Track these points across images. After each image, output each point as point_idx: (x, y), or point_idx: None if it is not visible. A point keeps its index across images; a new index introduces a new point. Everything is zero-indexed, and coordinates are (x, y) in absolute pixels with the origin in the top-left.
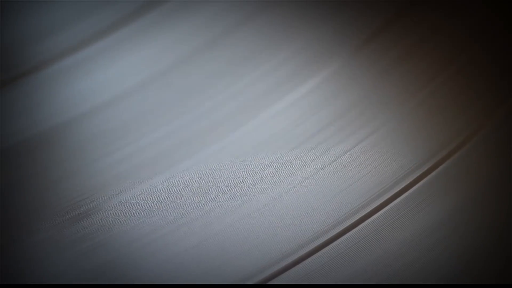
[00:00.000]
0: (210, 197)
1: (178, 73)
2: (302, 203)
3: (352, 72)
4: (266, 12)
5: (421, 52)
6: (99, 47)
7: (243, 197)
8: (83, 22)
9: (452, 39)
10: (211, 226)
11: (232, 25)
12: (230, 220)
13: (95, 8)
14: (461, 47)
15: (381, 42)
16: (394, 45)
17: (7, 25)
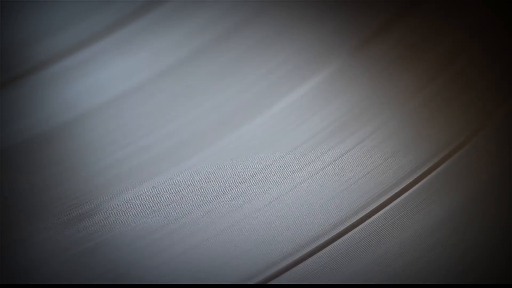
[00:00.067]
0: (210, 198)
1: (178, 73)
2: (302, 203)
3: (352, 72)
4: (266, 13)
5: (421, 52)
6: (99, 47)
7: (243, 197)
8: (83, 22)
9: (452, 39)
10: (212, 226)
11: (231, 26)
12: (231, 220)
13: (95, 9)
14: (461, 47)
15: (381, 42)
16: (394, 45)
17: (7, 25)
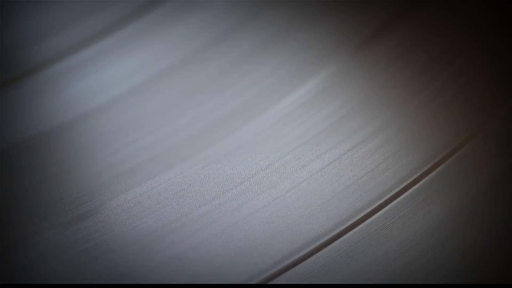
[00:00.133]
0: (210, 198)
1: (178, 74)
2: (302, 203)
3: (351, 73)
4: (265, 14)
5: (421, 53)
6: (99, 47)
7: (243, 197)
8: (83, 23)
9: (452, 39)
10: (212, 227)
11: (231, 27)
12: (231, 220)
13: (95, 9)
14: (461, 47)
15: (381, 42)
16: (394, 45)
17: (7, 25)
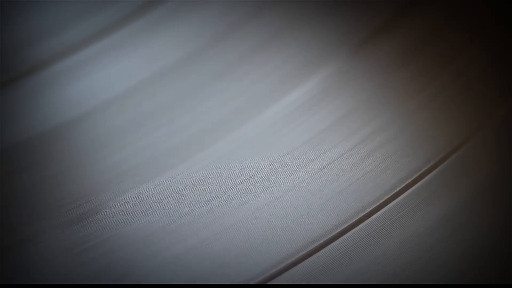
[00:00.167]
0: (210, 197)
1: (178, 73)
2: (302, 203)
3: (351, 73)
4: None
5: (420, 53)
6: (100, 47)
7: (243, 197)
8: (83, 22)
9: (452, 39)
10: (212, 227)
11: (230, 27)
12: (231, 220)
13: (95, 9)
14: (461, 47)
15: (380, 42)
16: (394, 45)
17: (7, 25)
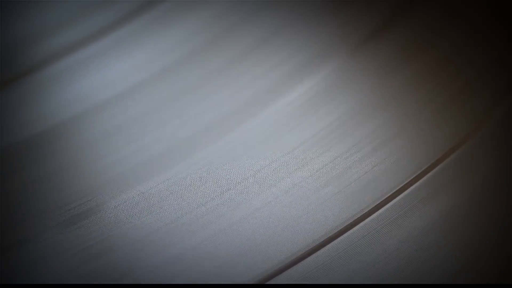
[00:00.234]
0: (210, 197)
1: (177, 73)
2: (301, 203)
3: (350, 72)
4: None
5: (420, 52)
6: (99, 46)
7: (242, 197)
8: (83, 22)
9: (452, 39)
10: (211, 227)
11: (230, 26)
12: (230, 220)
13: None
14: (460, 47)
15: (380, 42)
16: (394, 44)
17: (7, 25)
